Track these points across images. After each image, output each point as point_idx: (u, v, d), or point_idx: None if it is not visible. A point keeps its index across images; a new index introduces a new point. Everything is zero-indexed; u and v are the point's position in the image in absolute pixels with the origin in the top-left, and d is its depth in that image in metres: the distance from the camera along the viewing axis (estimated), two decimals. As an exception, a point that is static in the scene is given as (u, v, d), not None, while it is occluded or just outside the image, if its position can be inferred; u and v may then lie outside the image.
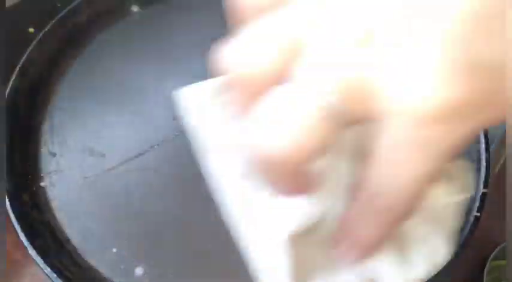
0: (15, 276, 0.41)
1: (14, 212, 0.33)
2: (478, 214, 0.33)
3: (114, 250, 0.35)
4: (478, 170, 0.36)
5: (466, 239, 0.32)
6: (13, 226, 0.33)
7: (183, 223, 0.36)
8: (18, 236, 0.33)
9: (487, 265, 0.38)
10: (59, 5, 0.53)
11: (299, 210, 0.28)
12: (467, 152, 0.37)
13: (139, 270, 0.34)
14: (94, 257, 0.34)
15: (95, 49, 0.44)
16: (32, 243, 0.32)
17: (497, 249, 0.42)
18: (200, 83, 0.36)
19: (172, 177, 0.37)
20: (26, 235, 0.32)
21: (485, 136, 0.37)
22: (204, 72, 0.43)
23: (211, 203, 0.36)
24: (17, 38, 0.50)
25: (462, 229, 0.33)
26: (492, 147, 0.37)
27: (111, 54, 0.44)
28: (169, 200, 0.37)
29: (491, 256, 0.38)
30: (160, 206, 0.36)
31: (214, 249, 0.34)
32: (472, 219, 0.33)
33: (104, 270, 0.34)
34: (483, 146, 0.36)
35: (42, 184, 0.37)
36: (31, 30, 0.51)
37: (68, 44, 0.44)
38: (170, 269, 0.34)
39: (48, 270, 0.31)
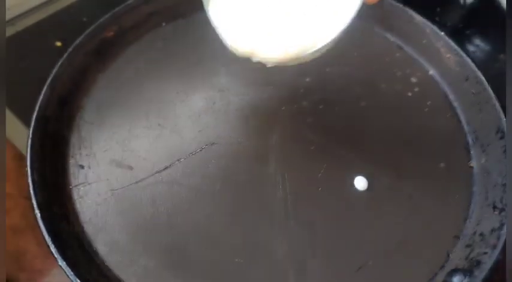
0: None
1: (44, 224, 0.33)
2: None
3: (141, 262, 0.35)
4: (504, 185, 0.35)
5: (500, 254, 0.32)
6: (43, 237, 0.33)
7: (210, 236, 0.35)
8: (48, 247, 0.33)
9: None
10: (85, 20, 0.54)
11: None
12: (497, 168, 0.37)
13: (166, 283, 0.34)
14: (121, 269, 0.34)
15: (122, 63, 0.45)
16: (62, 254, 0.32)
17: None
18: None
19: (199, 190, 0.38)
20: (57, 247, 0.32)
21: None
22: (228, 85, 0.43)
23: (237, 217, 0.36)
24: (45, 51, 0.51)
25: (495, 245, 0.33)
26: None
27: (137, 68, 0.45)
28: (196, 213, 0.37)
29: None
30: (187, 219, 0.36)
31: (242, 262, 0.34)
32: (505, 234, 0.32)
33: (131, 282, 0.34)
34: None
35: (71, 196, 0.37)
36: (58, 43, 0.52)
37: (96, 58, 0.44)
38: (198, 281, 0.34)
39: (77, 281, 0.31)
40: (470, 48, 0.57)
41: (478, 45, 0.58)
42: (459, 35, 0.58)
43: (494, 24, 0.58)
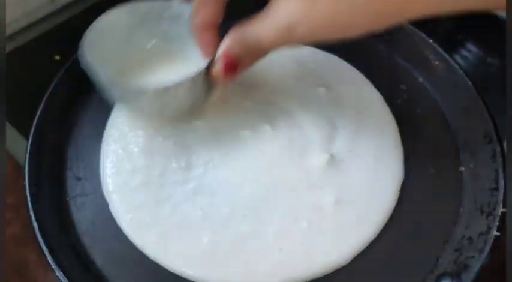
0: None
1: (42, 236, 0.34)
2: (498, 233, 0.33)
3: (138, 273, 0.35)
4: (496, 189, 0.36)
5: (487, 257, 0.32)
6: (41, 249, 0.34)
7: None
8: (46, 258, 0.34)
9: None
10: (82, 34, 0.55)
11: None
12: (485, 173, 0.38)
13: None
14: (118, 279, 0.35)
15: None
16: (59, 265, 0.33)
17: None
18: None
19: (193, 199, 0.38)
20: (54, 258, 0.33)
21: (503, 155, 0.37)
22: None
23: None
24: (44, 65, 0.53)
25: (482, 249, 0.33)
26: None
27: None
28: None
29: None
30: (181, 228, 0.37)
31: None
32: (492, 238, 0.33)
33: (128, 292, 0.35)
34: (501, 166, 0.37)
35: (68, 207, 0.38)
36: (57, 57, 0.54)
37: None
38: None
39: (74, 292, 0.32)
40: (463, 52, 0.58)
41: (470, 50, 0.58)
42: (451, 40, 0.59)
43: (486, 28, 0.59)
